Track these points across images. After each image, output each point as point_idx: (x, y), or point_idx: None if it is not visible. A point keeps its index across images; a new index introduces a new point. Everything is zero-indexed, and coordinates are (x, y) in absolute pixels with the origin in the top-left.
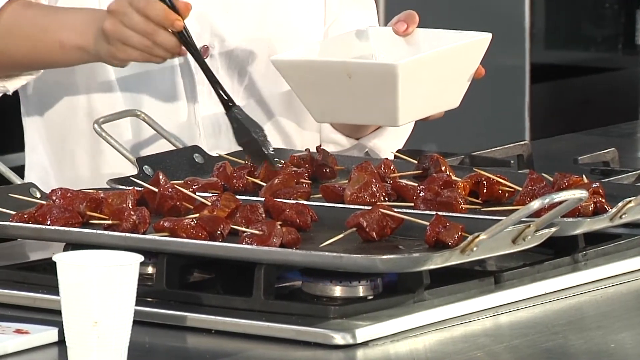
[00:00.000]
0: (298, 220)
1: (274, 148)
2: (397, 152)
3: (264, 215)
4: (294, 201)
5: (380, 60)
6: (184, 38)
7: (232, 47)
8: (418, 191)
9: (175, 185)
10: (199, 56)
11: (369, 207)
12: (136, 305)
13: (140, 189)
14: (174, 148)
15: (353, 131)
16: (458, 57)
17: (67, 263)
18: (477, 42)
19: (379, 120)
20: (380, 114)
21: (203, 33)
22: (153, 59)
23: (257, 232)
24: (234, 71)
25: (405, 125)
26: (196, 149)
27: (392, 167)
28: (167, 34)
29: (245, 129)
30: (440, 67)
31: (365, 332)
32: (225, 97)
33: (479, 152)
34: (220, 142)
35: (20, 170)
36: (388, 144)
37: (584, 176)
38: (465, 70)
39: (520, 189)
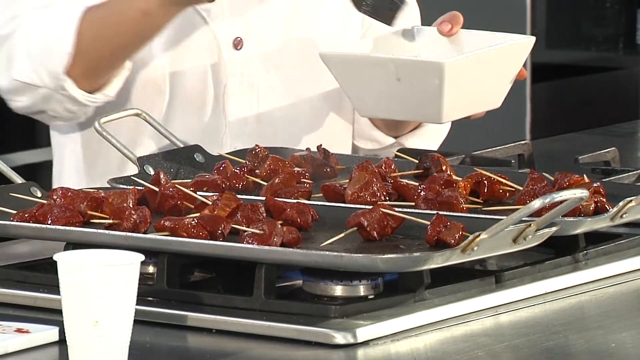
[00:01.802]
0: (299, 220)
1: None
2: (398, 151)
3: (264, 214)
4: (295, 200)
5: (427, 58)
6: None
7: (266, 40)
8: (419, 191)
9: (176, 185)
10: None
11: (370, 207)
12: (137, 304)
13: (141, 188)
14: (175, 147)
15: (392, 128)
16: (502, 58)
17: (68, 262)
18: (522, 45)
19: (423, 117)
20: (425, 111)
21: (236, 24)
22: None
23: (257, 231)
24: (270, 65)
25: (445, 124)
26: (197, 148)
27: (392, 167)
28: None
29: None
30: (485, 67)
31: (366, 331)
32: None
33: (479, 152)
34: (245, 143)
35: (21, 170)
36: (425, 143)
37: (584, 176)
38: (509, 71)
39: (521, 188)
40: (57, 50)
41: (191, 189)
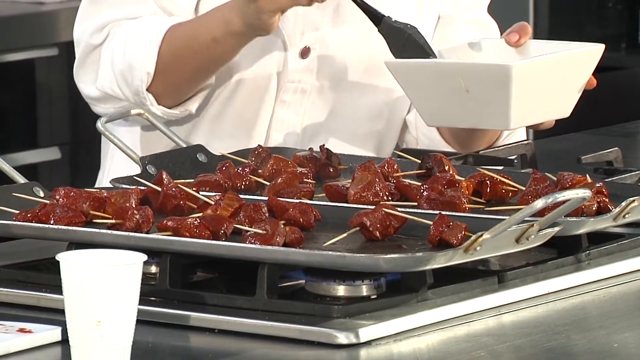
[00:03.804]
0: (301, 220)
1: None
2: (400, 151)
3: (267, 214)
4: (298, 200)
5: (494, 61)
6: None
7: (332, 53)
8: (421, 190)
9: (179, 185)
10: None
11: (373, 207)
12: (139, 304)
13: (143, 188)
14: (178, 147)
15: (465, 145)
16: (570, 65)
17: (71, 262)
18: (590, 52)
19: (491, 123)
20: (493, 117)
21: (307, 33)
22: (300, 0)
23: (260, 231)
24: (329, 76)
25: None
26: (199, 148)
27: (395, 167)
28: None
29: (398, 36)
30: (553, 73)
31: (368, 331)
32: (373, 13)
33: (482, 152)
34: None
35: (23, 170)
36: None
37: (587, 175)
38: (577, 79)
39: (524, 188)
40: (139, 68)
41: (194, 188)
